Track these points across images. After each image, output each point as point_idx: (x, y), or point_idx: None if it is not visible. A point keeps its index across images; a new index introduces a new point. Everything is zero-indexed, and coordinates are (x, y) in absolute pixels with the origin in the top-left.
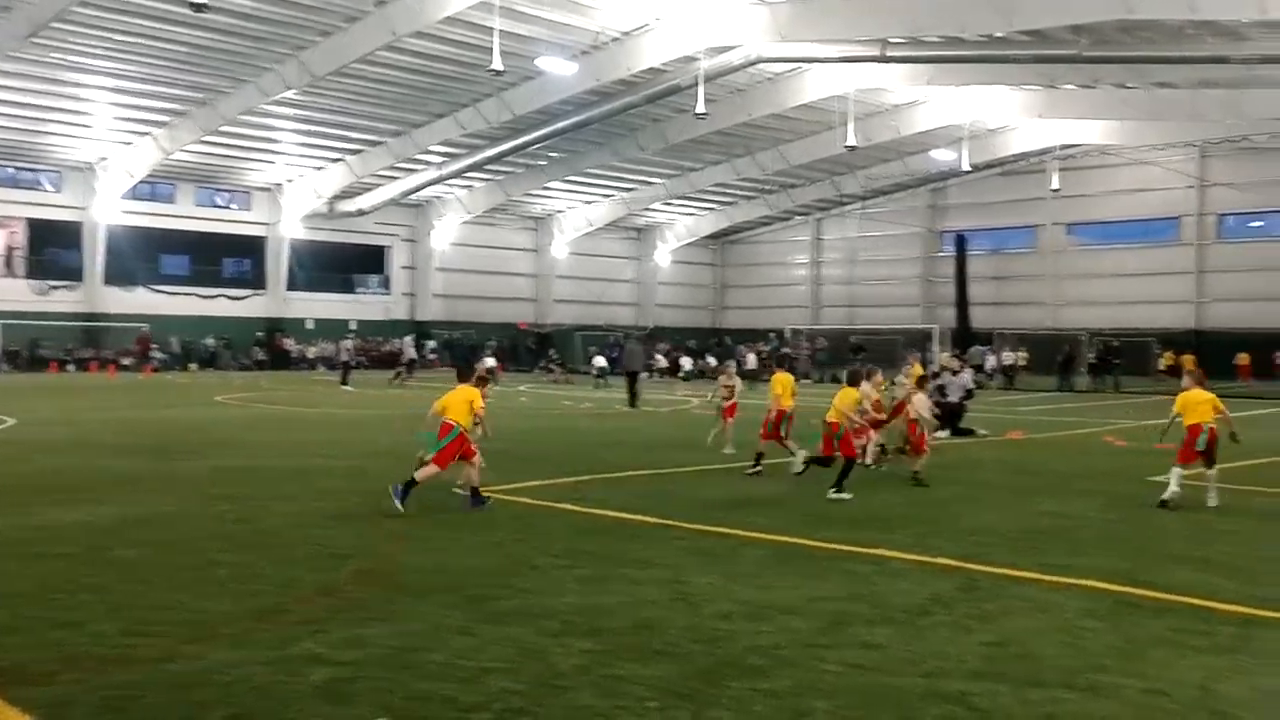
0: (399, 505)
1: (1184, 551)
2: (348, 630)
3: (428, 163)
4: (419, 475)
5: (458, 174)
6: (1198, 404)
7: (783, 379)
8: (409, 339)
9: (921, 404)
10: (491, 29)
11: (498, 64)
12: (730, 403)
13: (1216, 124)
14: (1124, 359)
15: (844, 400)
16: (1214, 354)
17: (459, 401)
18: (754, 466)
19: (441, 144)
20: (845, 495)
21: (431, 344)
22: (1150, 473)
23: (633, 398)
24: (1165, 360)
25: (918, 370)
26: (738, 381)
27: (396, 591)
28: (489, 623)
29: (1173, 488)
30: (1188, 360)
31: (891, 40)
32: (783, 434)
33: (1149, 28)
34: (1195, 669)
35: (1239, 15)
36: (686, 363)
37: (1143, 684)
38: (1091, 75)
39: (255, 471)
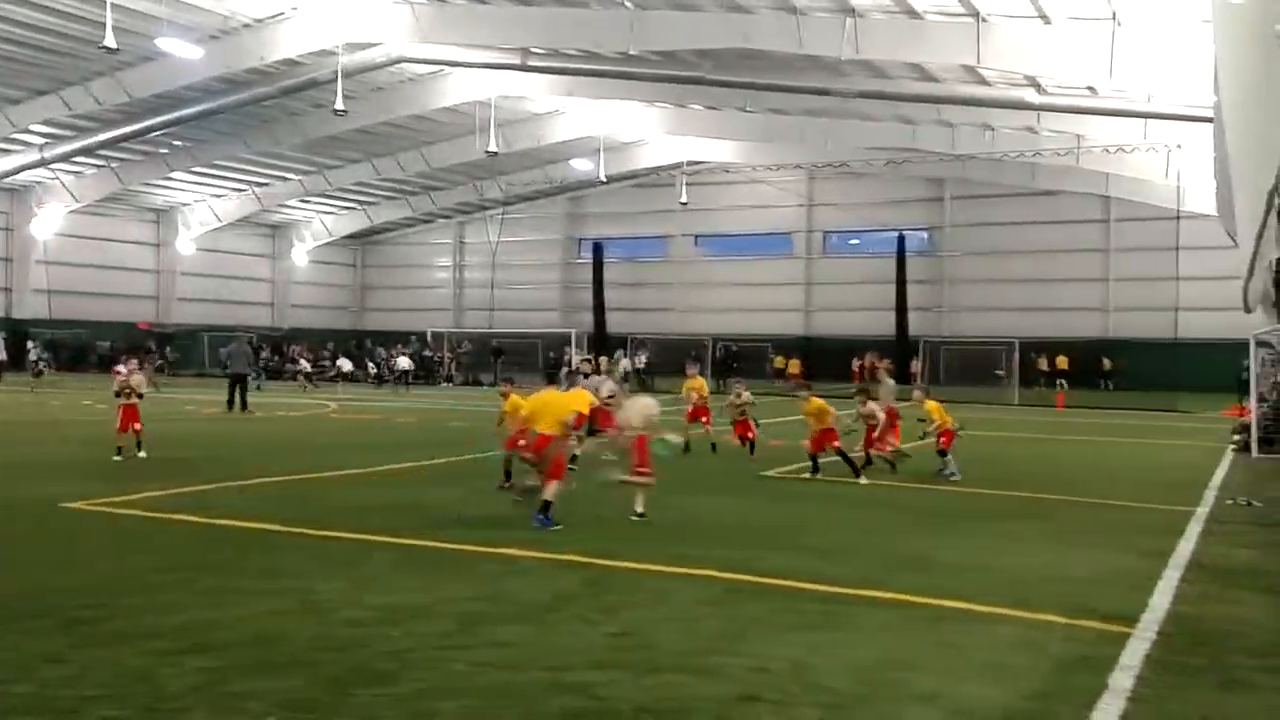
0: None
1: (783, 539)
2: None
3: (27, 143)
4: (547, 494)
5: (64, 158)
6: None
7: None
8: None
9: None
10: (105, 1)
11: (110, 41)
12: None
13: (819, 149)
14: (742, 363)
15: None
16: (819, 359)
17: (549, 410)
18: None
19: (44, 124)
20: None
21: (33, 344)
22: (761, 468)
23: (239, 402)
24: (779, 363)
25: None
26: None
27: None
28: (89, 647)
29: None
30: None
31: (533, 50)
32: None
33: (764, 58)
34: (791, 646)
35: (838, 53)
36: (345, 364)
37: (746, 662)
38: (715, 98)
39: None
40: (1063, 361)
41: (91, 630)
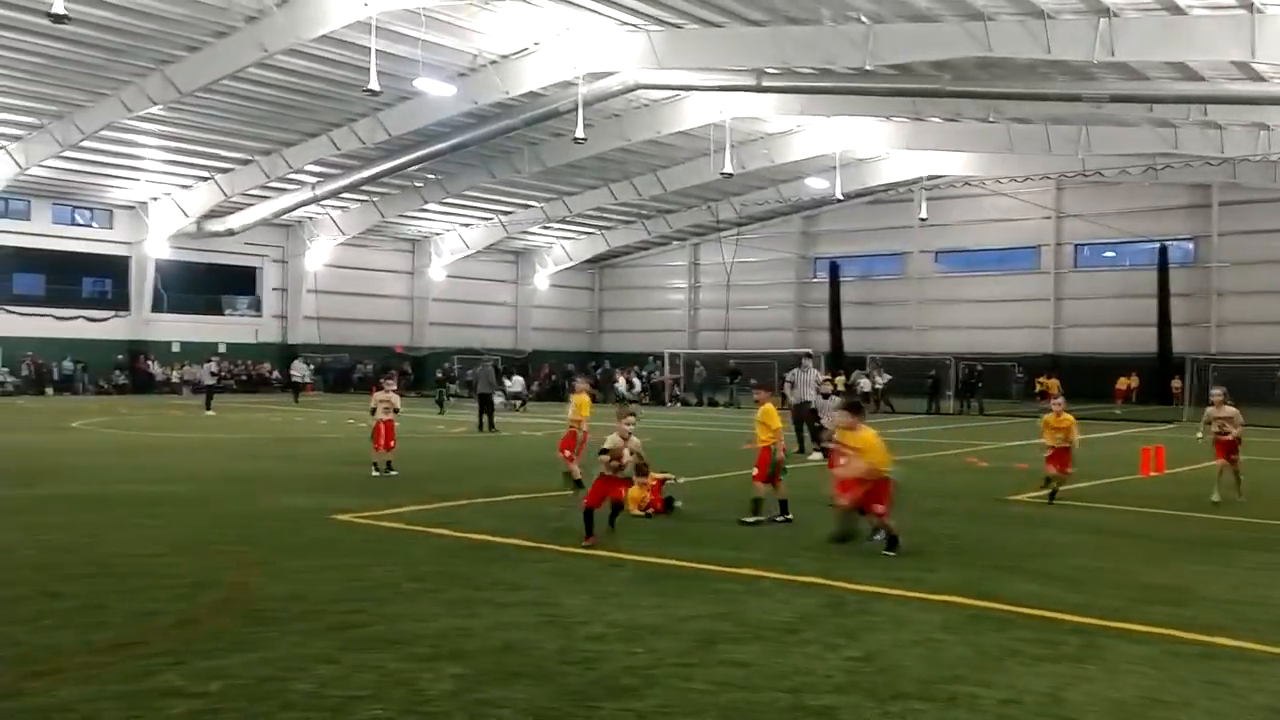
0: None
1: (1029, 565)
2: (207, 661)
3: (300, 182)
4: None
5: (332, 194)
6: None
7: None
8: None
9: None
10: (368, 49)
11: (374, 84)
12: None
13: (1069, 158)
14: (986, 382)
15: None
16: (1070, 378)
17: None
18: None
19: (315, 164)
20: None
21: (309, 367)
22: (1004, 492)
23: (488, 422)
24: (1042, 384)
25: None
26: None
27: (255, 621)
28: (353, 650)
29: None
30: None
31: (767, 70)
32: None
33: (1005, 65)
34: (1044, 678)
35: (1087, 56)
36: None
37: (996, 694)
38: (954, 109)
39: (93, 499)
40: None
41: (356, 634)
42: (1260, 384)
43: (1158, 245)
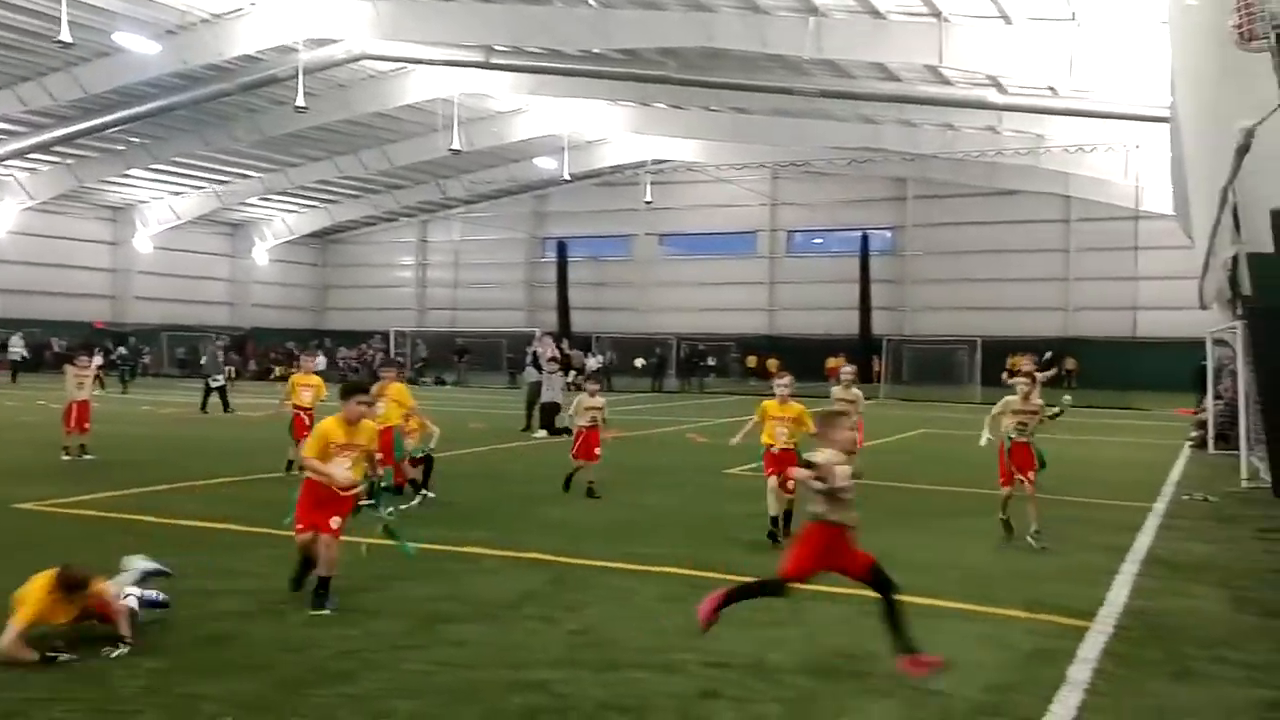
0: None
1: (745, 536)
2: None
3: None
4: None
5: (18, 154)
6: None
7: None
8: None
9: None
10: None
11: (65, 35)
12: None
13: (786, 149)
14: (711, 362)
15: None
16: (784, 359)
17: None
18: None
19: None
20: None
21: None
22: (726, 466)
23: (215, 403)
24: (751, 362)
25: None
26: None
27: None
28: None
29: None
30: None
31: (496, 47)
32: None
33: (729, 57)
34: (751, 642)
35: (801, 52)
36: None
37: (707, 658)
38: (680, 97)
39: None
40: (1018, 362)
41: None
42: (945, 364)
43: (861, 234)
